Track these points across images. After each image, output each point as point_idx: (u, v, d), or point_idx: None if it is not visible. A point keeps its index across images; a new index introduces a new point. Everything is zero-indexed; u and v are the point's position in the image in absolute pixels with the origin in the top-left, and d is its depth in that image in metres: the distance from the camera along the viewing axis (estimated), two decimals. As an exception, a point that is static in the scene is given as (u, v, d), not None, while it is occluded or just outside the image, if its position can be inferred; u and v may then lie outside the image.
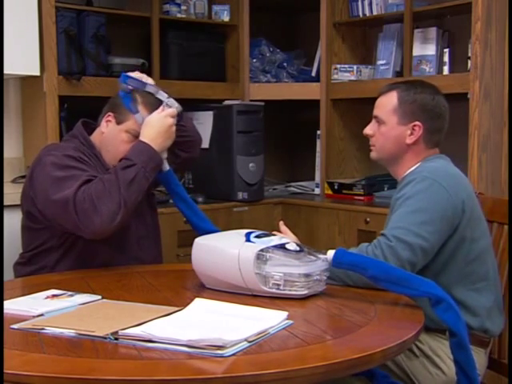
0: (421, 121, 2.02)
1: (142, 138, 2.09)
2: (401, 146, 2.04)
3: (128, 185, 1.98)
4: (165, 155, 2.15)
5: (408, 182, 1.94)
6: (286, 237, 1.92)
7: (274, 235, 1.85)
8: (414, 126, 2.02)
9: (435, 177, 1.92)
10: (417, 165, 2.02)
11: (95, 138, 2.23)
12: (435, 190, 1.89)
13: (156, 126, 2.09)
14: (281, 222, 2.13)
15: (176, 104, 2.16)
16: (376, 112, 2.09)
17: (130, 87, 2.17)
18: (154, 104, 2.15)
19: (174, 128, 2.13)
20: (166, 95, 2.16)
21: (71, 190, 1.97)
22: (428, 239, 1.84)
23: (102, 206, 1.94)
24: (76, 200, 1.95)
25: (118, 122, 2.17)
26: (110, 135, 2.19)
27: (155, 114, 2.12)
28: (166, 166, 2.16)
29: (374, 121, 2.10)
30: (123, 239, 2.17)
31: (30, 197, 2.12)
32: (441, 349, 1.92)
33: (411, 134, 2.02)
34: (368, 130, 2.10)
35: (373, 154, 2.12)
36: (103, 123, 2.20)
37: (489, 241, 2.03)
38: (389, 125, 2.04)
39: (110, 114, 2.19)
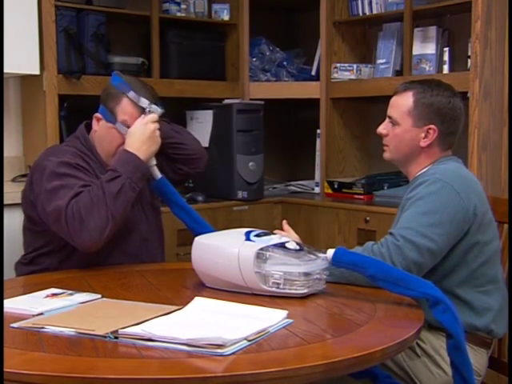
0: (436, 124, 2.00)
1: (127, 147, 2.09)
2: (414, 148, 2.02)
3: (114, 198, 1.98)
4: (153, 162, 2.15)
5: (420, 183, 1.94)
6: (286, 235, 1.92)
7: (273, 234, 1.84)
8: (429, 129, 2.00)
9: (447, 179, 1.91)
10: (429, 166, 2.02)
11: (92, 138, 2.24)
12: (446, 192, 1.88)
13: (138, 134, 2.09)
14: (284, 221, 2.12)
15: (158, 109, 2.15)
16: (390, 112, 2.06)
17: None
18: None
19: (157, 133, 2.13)
20: (147, 102, 2.15)
21: (63, 201, 1.98)
22: (436, 241, 1.83)
23: (91, 222, 1.95)
24: (67, 214, 1.97)
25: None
26: (102, 132, 2.19)
27: (137, 122, 2.12)
28: (158, 174, 2.17)
29: (387, 120, 2.07)
30: (127, 241, 2.17)
31: (30, 201, 2.14)
32: (443, 348, 1.90)
33: (425, 136, 2.00)
34: (382, 130, 2.08)
35: (386, 155, 2.10)
36: (94, 122, 2.22)
37: (499, 243, 2.03)
38: (403, 126, 2.02)
39: (98, 113, 2.20)
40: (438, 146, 2.03)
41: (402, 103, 2.03)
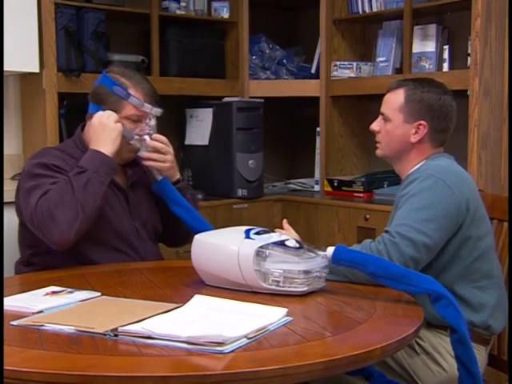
0: (426, 120, 2.01)
1: (92, 146, 2.09)
2: (405, 145, 2.04)
3: (82, 189, 1.98)
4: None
5: (412, 180, 1.95)
6: (286, 234, 1.92)
7: (273, 232, 1.84)
8: (419, 125, 2.01)
9: (440, 175, 1.92)
10: (421, 163, 2.02)
11: (87, 136, 2.20)
12: (439, 187, 1.89)
13: (99, 132, 2.08)
14: (284, 220, 2.13)
15: (159, 110, 2.17)
16: (383, 109, 2.08)
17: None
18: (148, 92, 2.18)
19: (112, 125, 2.09)
20: (150, 106, 2.15)
21: (33, 201, 1.99)
22: (431, 236, 1.84)
23: (60, 215, 1.95)
24: (37, 213, 1.97)
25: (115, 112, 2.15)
26: None
27: (95, 120, 2.11)
28: (159, 176, 2.19)
29: (380, 117, 2.09)
30: (126, 240, 2.17)
31: (18, 205, 2.15)
32: (442, 345, 1.92)
33: (416, 132, 2.02)
34: (374, 126, 2.10)
35: (378, 151, 2.12)
36: (90, 122, 2.19)
37: (493, 239, 2.03)
38: (394, 122, 2.04)
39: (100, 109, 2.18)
40: (429, 143, 2.04)
41: (394, 99, 2.05)
